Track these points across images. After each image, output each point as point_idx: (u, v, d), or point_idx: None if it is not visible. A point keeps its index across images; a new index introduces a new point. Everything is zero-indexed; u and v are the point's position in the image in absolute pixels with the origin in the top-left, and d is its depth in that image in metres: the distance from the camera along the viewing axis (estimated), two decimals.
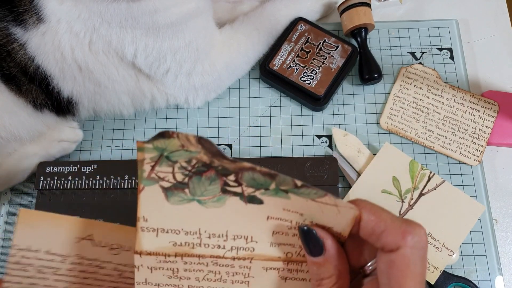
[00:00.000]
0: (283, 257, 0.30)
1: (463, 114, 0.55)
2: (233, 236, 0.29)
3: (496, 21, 0.62)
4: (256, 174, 0.27)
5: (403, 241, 0.25)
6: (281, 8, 0.58)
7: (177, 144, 0.28)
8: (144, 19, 0.46)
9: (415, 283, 0.25)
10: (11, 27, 0.45)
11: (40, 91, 0.48)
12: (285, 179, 0.27)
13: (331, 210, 0.28)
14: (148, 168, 0.28)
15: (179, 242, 0.29)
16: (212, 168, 0.28)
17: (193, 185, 0.29)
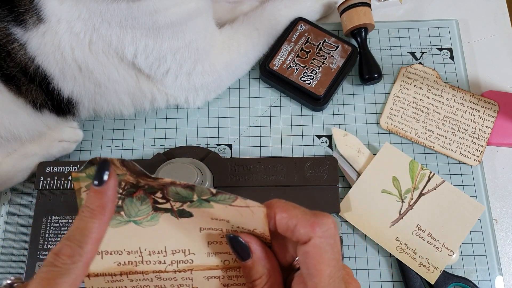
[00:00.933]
0: (221, 265, 0.32)
1: (463, 114, 0.56)
2: (172, 251, 0.31)
3: (496, 21, 0.62)
4: (178, 188, 0.29)
5: (312, 231, 0.27)
6: (281, 8, 0.58)
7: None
8: (144, 19, 0.46)
9: (329, 267, 0.27)
10: (11, 27, 0.45)
11: (40, 91, 0.48)
12: (202, 189, 0.29)
13: (247, 212, 0.29)
14: (85, 196, 0.29)
15: (123, 261, 0.31)
16: (140, 188, 0.29)
17: (127, 207, 0.30)
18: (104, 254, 0.31)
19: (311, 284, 0.28)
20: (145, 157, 0.55)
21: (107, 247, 0.31)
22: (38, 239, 0.49)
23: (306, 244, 0.28)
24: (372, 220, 0.50)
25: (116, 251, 0.31)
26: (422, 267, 0.48)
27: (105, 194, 0.27)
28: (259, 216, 0.30)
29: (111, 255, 0.31)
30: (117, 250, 0.31)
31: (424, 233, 0.50)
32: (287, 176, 0.52)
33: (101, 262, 0.31)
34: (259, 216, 0.30)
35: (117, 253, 0.31)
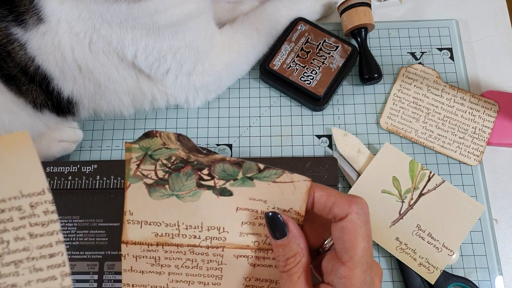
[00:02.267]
0: (252, 246, 0.34)
1: (463, 114, 0.56)
2: (207, 227, 0.33)
3: (496, 21, 0.62)
4: (226, 165, 0.32)
5: (350, 208, 0.30)
6: (281, 9, 0.58)
7: (159, 142, 0.32)
8: (144, 20, 0.46)
9: (363, 242, 0.30)
10: (11, 27, 0.45)
11: (40, 91, 0.48)
12: (250, 165, 0.32)
13: (289, 188, 0.32)
14: (134, 166, 0.32)
15: (160, 233, 0.33)
16: (189, 163, 0.32)
17: (172, 181, 0.32)
18: (144, 224, 0.33)
19: (346, 257, 0.30)
20: None
21: (147, 217, 0.33)
22: None
23: (343, 220, 0.30)
24: (372, 220, 0.50)
25: (155, 222, 0.33)
26: (422, 267, 0.48)
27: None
28: (300, 191, 0.32)
29: (150, 226, 0.33)
30: (156, 222, 0.33)
31: (424, 233, 0.50)
32: None
33: (140, 231, 0.33)
34: (301, 192, 0.32)
35: (155, 224, 0.33)
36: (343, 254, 0.31)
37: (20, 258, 0.30)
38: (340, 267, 0.31)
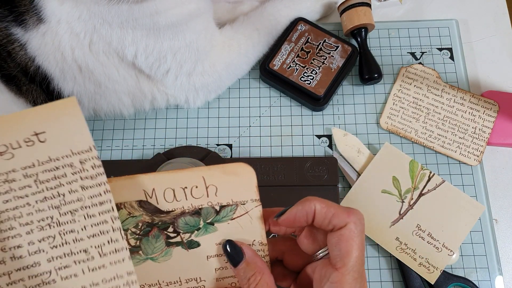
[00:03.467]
0: (229, 287, 0.37)
1: (463, 114, 0.56)
2: (186, 280, 0.37)
3: (496, 21, 0.62)
4: (186, 218, 0.35)
5: (348, 218, 0.32)
6: (281, 9, 0.58)
7: (125, 213, 0.35)
8: (145, 20, 0.46)
9: (358, 250, 0.32)
10: (12, 27, 0.45)
11: (40, 92, 0.48)
12: (207, 210, 0.35)
13: (246, 220, 0.35)
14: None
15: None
16: (154, 225, 0.35)
17: (144, 246, 0.36)
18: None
19: (340, 263, 0.32)
20: (145, 157, 0.55)
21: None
22: None
23: (341, 228, 0.32)
24: (372, 220, 0.50)
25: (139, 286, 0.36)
26: (422, 267, 0.48)
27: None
28: (256, 219, 0.35)
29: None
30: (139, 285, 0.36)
31: (424, 233, 0.50)
32: (287, 176, 0.52)
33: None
34: (256, 219, 0.35)
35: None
36: (337, 261, 0.32)
37: (75, 207, 0.33)
38: (333, 273, 0.32)
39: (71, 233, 0.33)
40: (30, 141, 0.33)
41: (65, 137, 0.33)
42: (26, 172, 0.33)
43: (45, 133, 0.33)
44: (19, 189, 0.33)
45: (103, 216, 0.33)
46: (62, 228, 0.33)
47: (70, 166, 0.33)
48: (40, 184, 0.33)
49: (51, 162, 0.33)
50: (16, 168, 0.33)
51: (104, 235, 0.33)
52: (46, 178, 0.33)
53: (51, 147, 0.33)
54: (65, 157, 0.33)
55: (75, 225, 0.33)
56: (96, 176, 0.33)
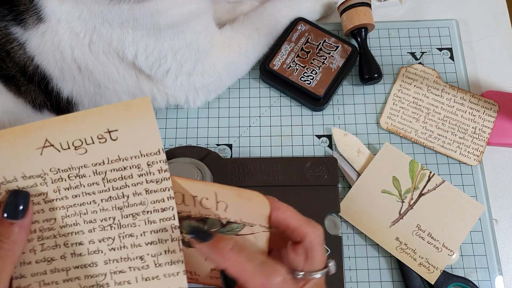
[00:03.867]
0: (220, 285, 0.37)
1: (463, 114, 0.56)
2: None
3: (496, 21, 0.62)
4: (192, 221, 0.34)
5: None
6: (281, 9, 0.58)
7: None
8: (145, 20, 0.46)
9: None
10: (11, 26, 0.45)
11: (39, 92, 0.48)
12: (213, 221, 0.34)
13: (250, 239, 0.35)
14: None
15: None
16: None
17: None
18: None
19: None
20: None
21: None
22: None
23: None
24: (372, 220, 0.50)
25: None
26: (422, 267, 0.48)
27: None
28: (261, 241, 0.35)
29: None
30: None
31: (424, 233, 0.50)
32: (287, 176, 0.52)
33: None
34: (262, 242, 0.35)
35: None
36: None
37: (137, 211, 0.33)
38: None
39: (130, 237, 0.33)
40: (102, 138, 0.33)
41: (135, 137, 0.33)
42: (96, 169, 0.33)
43: (117, 132, 0.33)
44: (87, 185, 0.33)
45: (163, 223, 0.33)
46: (122, 231, 0.33)
47: (137, 167, 0.33)
48: (107, 183, 0.33)
49: (119, 162, 0.33)
50: (87, 164, 0.33)
51: (162, 244, 0.33)
52: (113, 177, 0.33)
53: (122, 146, 0.33)
54: (134, 158, 0.33)
55: (135, 229, 0.33)
56: (162, 180, 0.33)
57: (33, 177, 0.33)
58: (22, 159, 0.33)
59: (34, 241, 0.33)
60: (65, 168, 0.33)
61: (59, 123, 0.33)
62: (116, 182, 0.33)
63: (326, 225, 0.51)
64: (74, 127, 0.33)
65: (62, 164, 0.33)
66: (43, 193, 0.33)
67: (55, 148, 0.33)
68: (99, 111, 0.33)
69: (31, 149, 0.33)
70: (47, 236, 0.33)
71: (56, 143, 0.33)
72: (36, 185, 0.33)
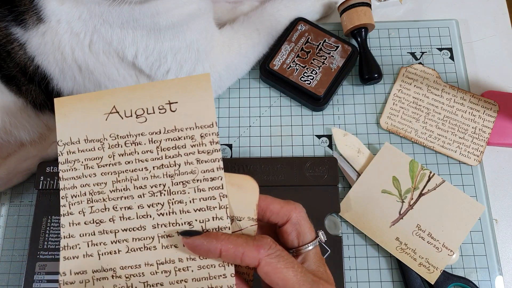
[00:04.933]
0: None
1: (463, 114, 0.56)
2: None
3: (496, 21, 0.62)
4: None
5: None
6: (281, 9, 0.58)
7: None
8: (145, 21, 0.46)
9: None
10: (11, 27, 0.45)
11: (39, 92, 0.48)
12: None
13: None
14: None
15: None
16: None
17: None
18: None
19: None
20: None
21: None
22: (38, 239, 0.49)
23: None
24: (372, 220, 0.50)
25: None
26: (422, 267, 0.48)
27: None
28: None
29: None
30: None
31: (424, 233, 0.50)
32: (287, 176, 0.52)
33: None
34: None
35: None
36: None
37: (187, 179, 0.34)
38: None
39: (179, 203, 0.34)
40: (163, 109, 0.35)
41: (193, 109, 0.35)
42: (152, 138, 0.35)
43: (177, 103, 0.35)
44: (142, 152, 0.35)
45: (212, 192, 0.34)
46: (172, 197, 0.34)
47: (191, 138, 0.35)
48: (161, 151, 0.35)
49: (175, 132, 0.35)
50: (145, 132, 0.35)
51: (210, 211, 0.34)
52: (167, 146, 0.35)
53: (179, 117, 0.35)
54: (189, 129, 0.35)
55: (184, 196, 0.34)
56: (213, 152, 0.34)
57: (93, 141, 0.35)
58: (89, 122, 0.35)
59: (84, 203, 0.34)
60: (123, 134, 0.35)
61: (127, 91, 0.35)
62: (170, 151, 0.35)
63: (326, 225, 0.51)
64: (139, 97, 0.35)
65: (122, 131, 0.35)
66: (99, 157, 0.35)
67: (119, 115, 0.35)
68: (164, 83, 0.36)
69: (99, 114, 0.35)
70: (96, 199, 0.34)
71: (121, 110, 0.35)
72: (94, 149, 0.35)
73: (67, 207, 0.34)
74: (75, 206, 0.34)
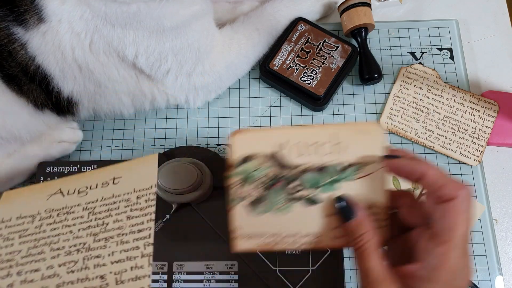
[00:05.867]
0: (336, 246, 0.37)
1: (463, 114, 0.56)
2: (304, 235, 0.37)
3: (496, 21, 0.62)
4: (311, 174, 0.36)
5: (457, 192, 0.32)
6: (281, 9, 0.58)
7: (255, 164, 0.36)
8: (150, 22, 0.46)
9: (464, 227, 0.32)
10: (12, 27, 0.45)
11: (40, 91, 0.48)
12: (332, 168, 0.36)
13: (369, 181, 0.35)
14: (235, 190, 0.37)
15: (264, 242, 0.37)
16: (281, 179, 0.36)
17: (269, 197, 0.37)
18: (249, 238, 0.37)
19: (446, 237, 0.32)
20: None
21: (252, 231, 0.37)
22: None
23: (449, 201, 0.32)
24: None
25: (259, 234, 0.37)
26: None
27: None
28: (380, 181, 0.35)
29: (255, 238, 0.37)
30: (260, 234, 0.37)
31: None
32: None
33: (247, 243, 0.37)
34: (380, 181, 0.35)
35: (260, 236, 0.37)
36: (443, 234, 0.32)
37: (112, 234, 0.34)
38: (437, 247, 0.32)
39: (96, 258, 0.33)
40: (106, 183, 0.36)
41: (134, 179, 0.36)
42: (87, 206, 0.36)
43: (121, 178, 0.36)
44: (71, 219, 0.35)
45: (137, 242, 0.33)
46: (89, 253, 0.34)
47: (126, 200, 0.35)
48: (92, 215, 0.35)
49: (111, 198, 0.36)
50: (81, 203, 0.36)
51: (130, 261, 0.33)
52: (100, 210, 0.35)
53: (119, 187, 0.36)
54: (126, 194, 0.36)
55: (103, 251, 0.34)
56: (146, 208, 0.35)
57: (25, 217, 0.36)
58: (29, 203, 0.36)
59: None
60: (59, 207, 0.36)
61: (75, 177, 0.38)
62: (101, 214, 0.35)
63: None
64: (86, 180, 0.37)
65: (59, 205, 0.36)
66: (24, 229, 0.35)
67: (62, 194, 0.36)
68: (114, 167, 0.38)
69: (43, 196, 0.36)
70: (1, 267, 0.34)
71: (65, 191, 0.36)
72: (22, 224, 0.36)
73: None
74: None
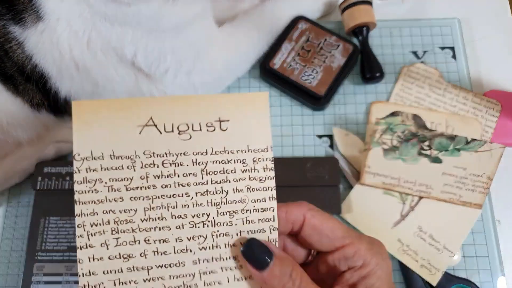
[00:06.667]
0: (449, 200, 0.49)
1: (465, 113, 0.55)
2: (419, 184, 0.49)
3: (499, 20, 0.61)
4: (442, 139, 0.48)
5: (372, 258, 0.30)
6: (282, 7, 0.57)
7: (399, 120, 0.50)
8: (149, 23, 0.45)
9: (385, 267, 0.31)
10: (9, 25, 0.44)
11: (36, 91, 0.48)
12: (460, 139, 0.49)
13: (486, 155, 0.47)
14: (378, 135, 0.50)
15: (387, 182, 0.50)
16: (416, 136, 0.49)
17: (402, 148, 0.49)
18: (376, 175, 0.49)
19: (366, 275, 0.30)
20: None
21: (379, 171, 0.50)
22: (36, 240, 0.49)
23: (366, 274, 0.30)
24: (374, 221, 0.50)
25: (384, 175, 0.50)
26: (424, 269, 0.48)
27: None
28: (495, 157, 0.48)
29: (380, 177, 0.50)
30: (385, 175, 0.50)
31: (425, 235, 0.49)
32: (287, 177, 0.51)
33: (373, 179, 0.50)
34: (495, 158, 0.48)
35: (384, 176, 0.50)
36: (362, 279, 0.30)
37: (235, 209, 0.31)
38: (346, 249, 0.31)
39: (225, 236, 0.30)
40: (211, 126, 0.31)
41: (246, 131, 0.31)
42: (196, 158, 0.30)
43: (229, 122, 0.31)
44: (183, 175, 0.30)
45: (262, 224, 0.31)
46: (216, 230, 0.30)
47: (242, 162, 0.31)
48: (206, 175, 0.31)
49: (224, 154, 0.31)
50: (188, 152, 0.30)
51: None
52: (214, 169, 0.31)
53: (230, 137, 0.31)
54: (240, 152, 0.31)
55: (230, 229, 0.31)
56: (265, 179, 0.31)
57: (122, 158, 0.30)
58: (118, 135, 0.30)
59: (107, 234, 0.29)
60: (161, 153, 0.30)
61: (167, 102, 0.30)
62: (217, 175, 0.30)
63: None
64: (183, 110, 0.30)
65: (160, 148, 0.30)
66: (128, 178, 0.30)
67: (157, 129, 0.30)
68: (214, 97, 0.31)
69: (132, 126, 0.30)
70: (123, 230, 0.29)
71: (159, 124, 0.30)
72: (122, 168, 0.29)
73: (85, 238, 0.29)
74: (95, 237, 0.29)
